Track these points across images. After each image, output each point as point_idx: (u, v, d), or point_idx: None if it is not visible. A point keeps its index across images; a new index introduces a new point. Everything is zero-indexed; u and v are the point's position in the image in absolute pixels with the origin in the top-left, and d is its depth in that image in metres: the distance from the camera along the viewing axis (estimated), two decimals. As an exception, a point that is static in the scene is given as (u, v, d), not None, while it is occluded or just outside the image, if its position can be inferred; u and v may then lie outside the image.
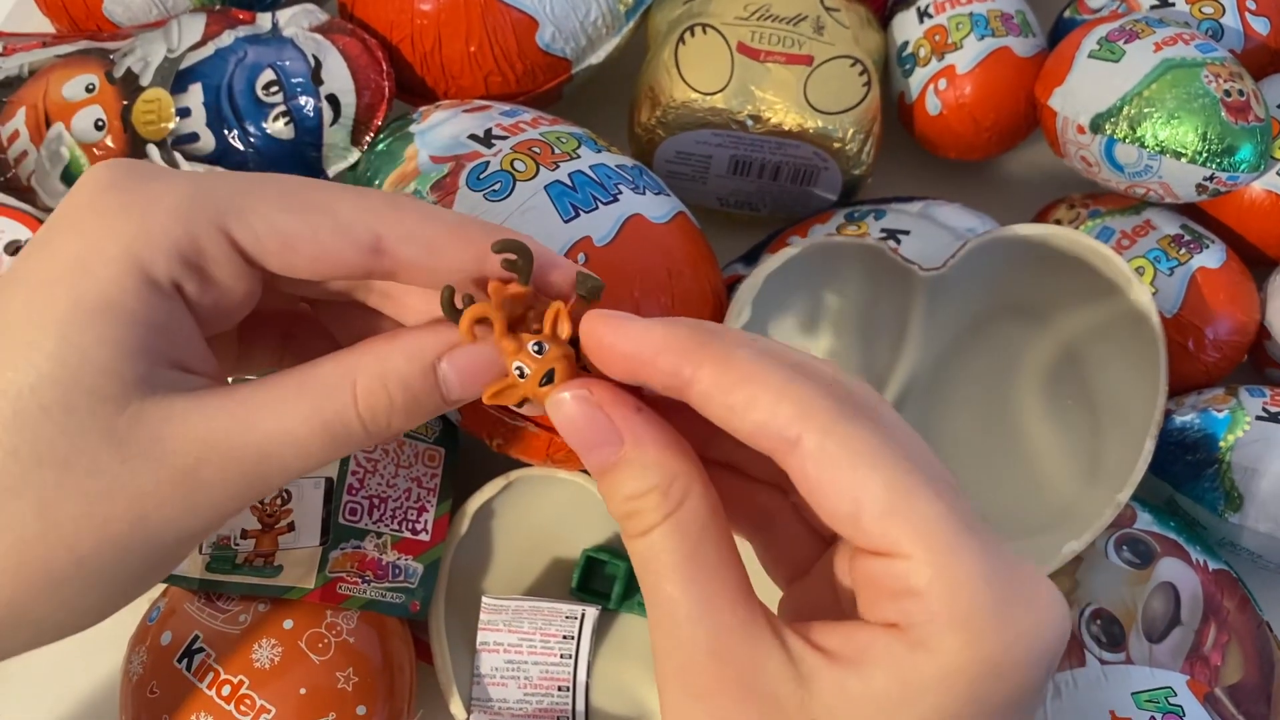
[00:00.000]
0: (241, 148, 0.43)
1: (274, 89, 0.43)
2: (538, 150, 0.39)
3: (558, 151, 0.40)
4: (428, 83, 0.47)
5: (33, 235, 0.44)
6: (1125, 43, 0.44)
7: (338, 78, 0.44)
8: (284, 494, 0.39)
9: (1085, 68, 0.45)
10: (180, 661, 0.36)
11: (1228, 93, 0.42)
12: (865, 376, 0.44)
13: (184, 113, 0.43)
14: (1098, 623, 0.39)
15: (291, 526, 0.38)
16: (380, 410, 0.23)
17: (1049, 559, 0.38)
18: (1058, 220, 0.49)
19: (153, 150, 0.43)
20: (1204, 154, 0.42)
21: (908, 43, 0.51)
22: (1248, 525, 0.40)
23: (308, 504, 0.39)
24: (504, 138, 0.40)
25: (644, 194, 0.40)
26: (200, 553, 0.38)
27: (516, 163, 0.38)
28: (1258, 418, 0.41)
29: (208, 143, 0.43)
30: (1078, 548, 0.38)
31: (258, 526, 0.38)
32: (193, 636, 0.36)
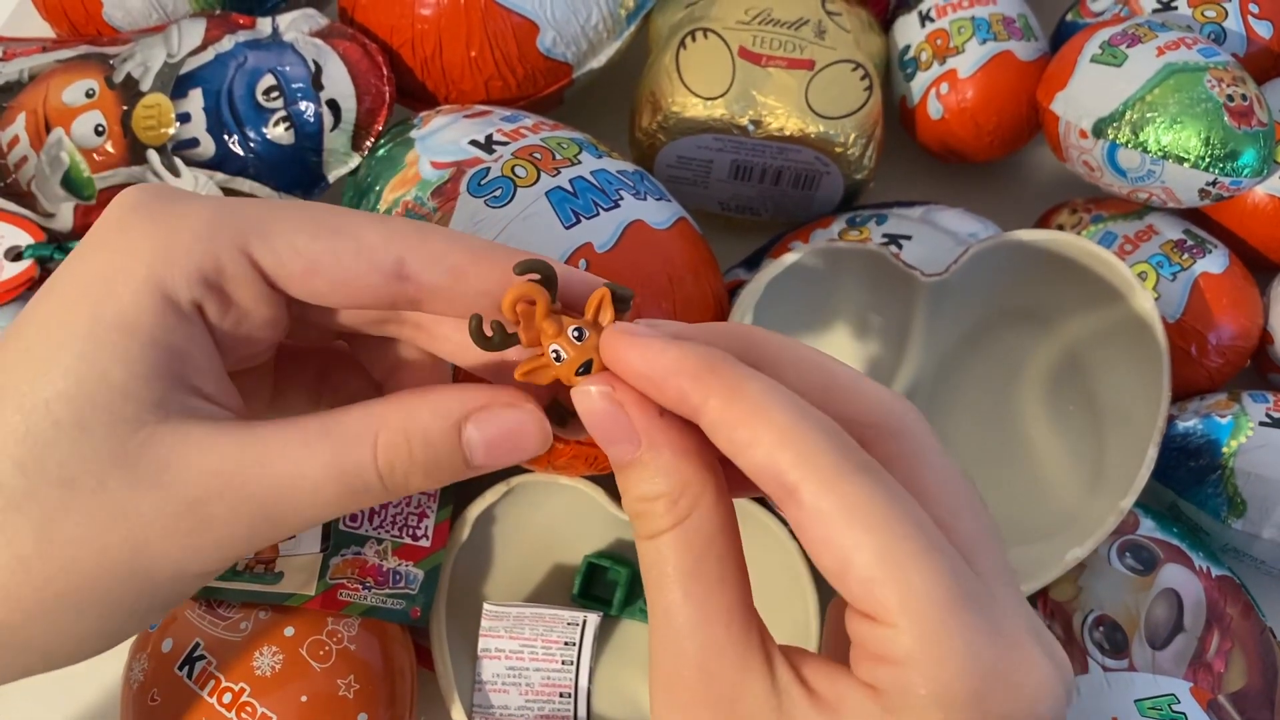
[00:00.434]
0: (241, 153, 0.43)
1: (274, 94, 0.43)
2: (539, 156, 0.39)
3: (559, 157, 0.40)
4: (428, 87, 0.46)
5: (32, 241, 0.44)
6: (1127, 47, 0.44)
7: (338, 83, 0.44)
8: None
9: (1087, 72, 0.45)
10: (181, 669, 0.36)
11: (1230, 97, 0.42)
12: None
13: (184, 118, 0.43)
14: (1100, 629, 0.39)
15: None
16: (400, 465, 0.23)
17: (1052, 565, 0.38)
18: (1060, 225, 0.49)
19: (153, 155, 0.43)
20: (1207, 159, 0.42)
21: (909, 46, 0.51)
22: (1251, 531, 0.40)
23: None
24: (505, 143, 0.40)
25: (645, 200, 0.40)
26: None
27: (517, 169, 0.38)
28: (1261, 423, 0.41)
29: (208, 148, 0.43)
30: (1081, 554, 0.38)
31: (258, 533, 0.38)
32: (194, 644, 0.36)
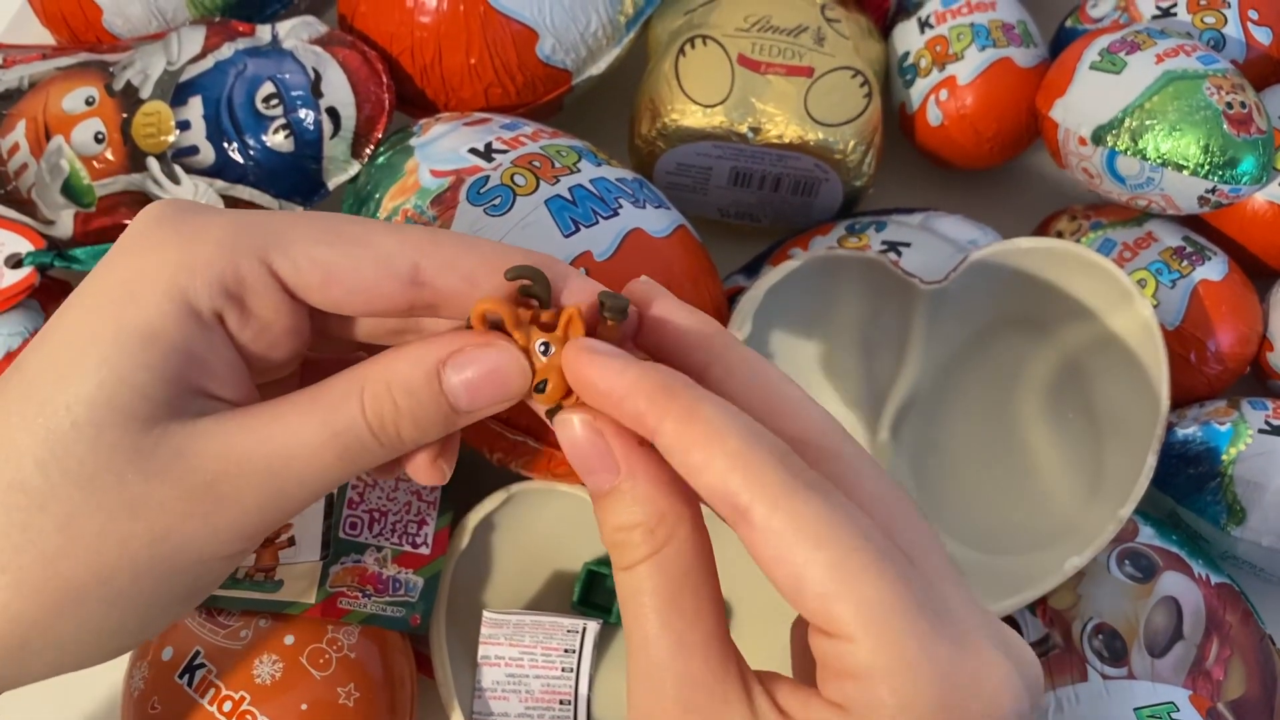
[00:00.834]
0: (241, 160, 0.43)
1: (274, 102, 0.43)
2: (538, 164, 0.39)
3: (558, 165, 0.40)
4: (428, 95, 0.47)
5: (32, 248, 0.44)
6: (1127, 54, 0.44)
7: (338, 90, 0.44)
8: (284, 508, 0.39)
9: (1087, 79, 0.45)
10: (181, 677, 0.36)
11: (1230, 105, 0.42)
12: (867, 390, 0.44)
13: (184, 125, 0.43)
14: (1100, 637, 0.39)
15: (292, 541, 0.38)
16: (387, 417, 0.23)
17: (1051, 574, 0.38)
18: (1059, 232, 0.49)
19: (152, 163, 0.43)
20: (1206, 166, 0.42)
21: (909, 53, 0.51)
22: (1250, 539, 0.40)
23: (308, 518, 0.39)
24: (504, 151, 0.40)
25: (644, 208, 0.40)
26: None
27: (516, 177, 0.38)
28: (1260, 431, 0.41)
29: (207, 155, 0.43)
30: (1080, 563, 0.38)
31: (258, 541, 0.38)
32: (194, 652, 0.36)
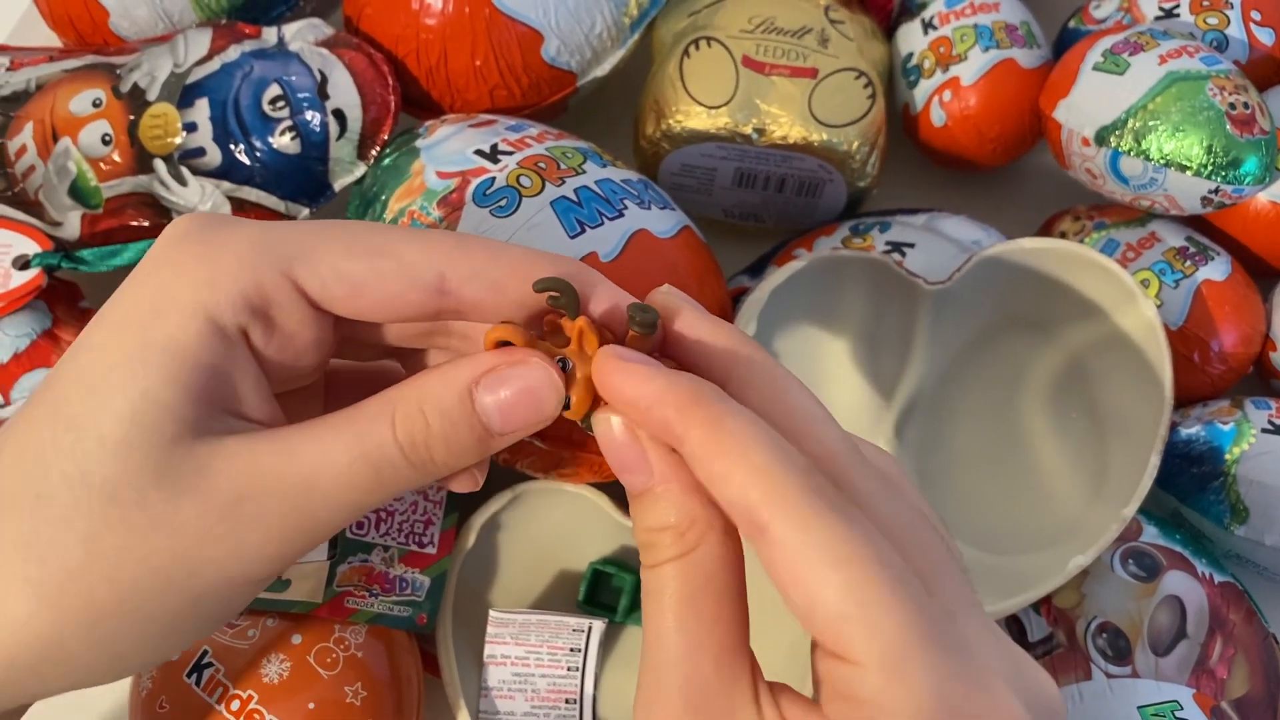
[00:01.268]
0: (248, 162, 0.43)
1: (280, 104, 0.43)
2: (543, 165, 0.39)
3: (563, 167, 0.40)
4: (433, 96, 0.47)
5: (39, 249, 0.44)
6: (1130, 55, 0.44)
7: (344, 92, 0.44)
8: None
9: (1090, 80, 0.45)
10: (190, 676, 0.36)
11: (1233, 105, 0.42)
12: (871, 391, 0.44)
13: (190, 127, 0.43)
14: (1104, 636, 0.39)
15: (299, 541, 0.39)
16: (418, 438, 0.23)
17: (1055, 573, 0.38)
18: (1063, 232, 0.49)
19: (159, 165, 0.43)
20: (1209, 167, 0.42)
21: (912, 54, 0.51)
22: (1253, 538, 0.40)
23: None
24: (510, 153, 0.40)
25: (649, 209, 0.40)
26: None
27: (522, 178, 0.39)
28: (1263, 430, 0.41)
29: (214, 157, 0.43)
30: (1084, 562, 0.38)
31: (265, 541, 0.38)
32: (201, 651, 0.36)
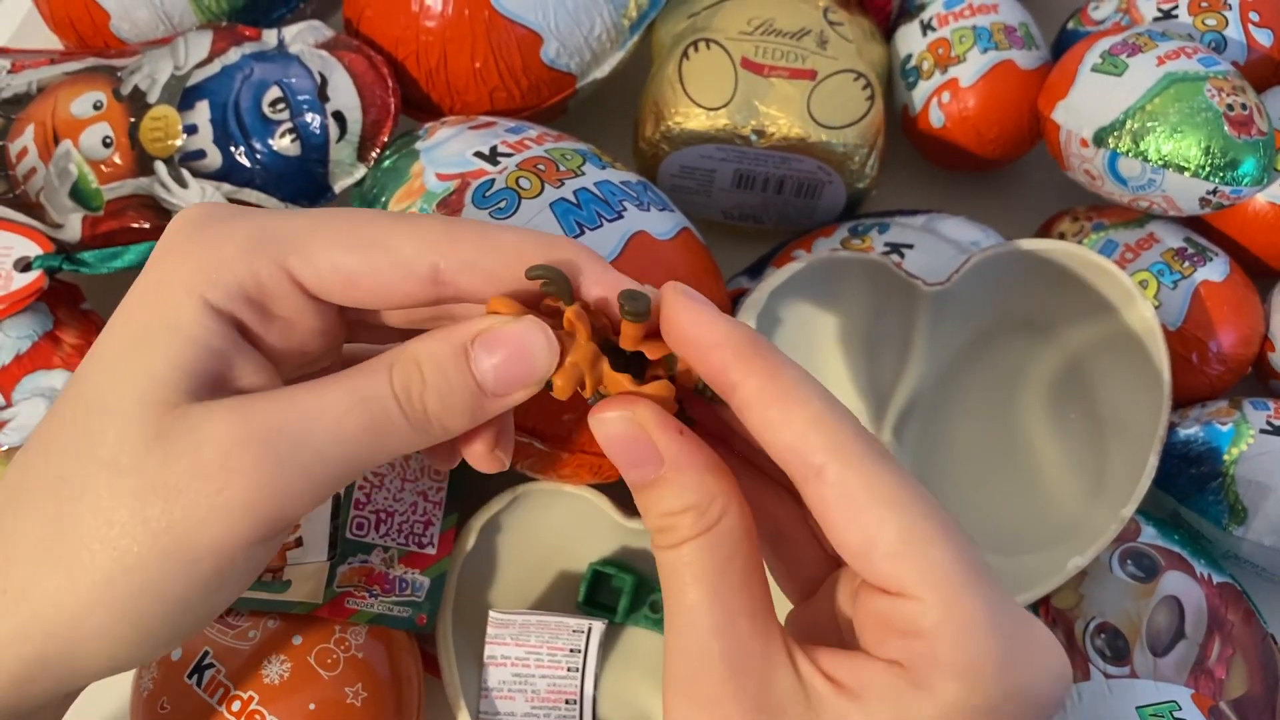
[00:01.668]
0: (248, 164, 0.43)
1: (280, 106, 0.43)
2: (542, 167, 0.40)
3: (562, 168, 0.40)
4: (433, 99, 0.47)
5: (41, 251, 0.44)
6: (1128, 56, 0.44)
7: (343, 94, 0.44)
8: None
9: (1088, 81, 0.45)
10: (190, 677, 0.36)
11: (1230, 106, 0.42)
12: (870, 392, 0.44)
13: (191, 130, 0.43)
14: (1102, 636, 0.39)
15: (299, 541, 0.39)
16: (414, 389, 0.23)
17: (1054, 573, 0.38)
18: (1061, 233, 0.49)
19: (160, 167, 0.43)
20: (1207, 168, 0.42)
21: (911, 56, 0.51)
22: (1252, 539, 0.40)
23: (315, 518, 0.39)
24: (509, 155, 0.40)
25: (648, 210, 0.40)
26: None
27: (521, 180, 0.39)
28: (1262, 431, 0.41)
29: (214, 160, 0.43)
30: (1082, 562, 0.38)
31: (266, 542, 0.38)
32: (202, 652, 0.36)
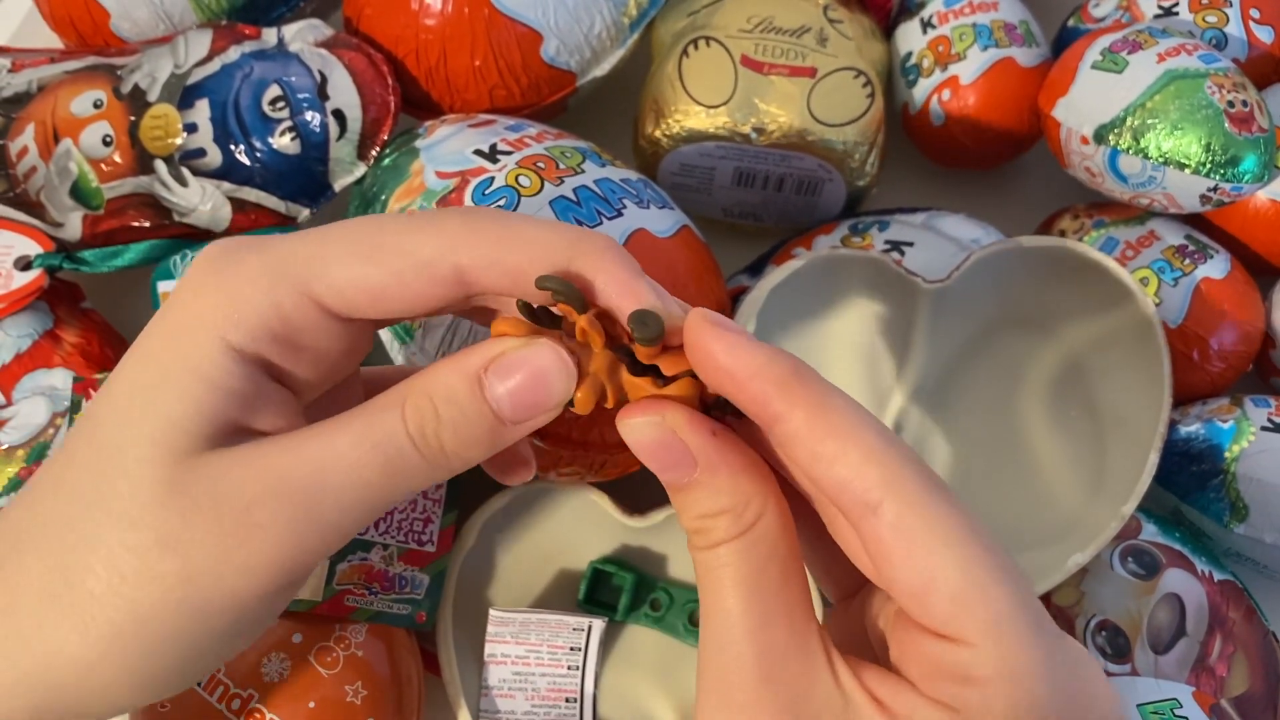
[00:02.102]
0: (248, 163, 0.43)
1: (280, 104, 0.43)
2: (542, 165, 0.40)
3: (562, 166, 0.40)
4: (433, 97, 0.47)
5: (41, 250, 0.44)
6: (1128, 53, 0.44)
7: (343, 92, 0.44)
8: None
9: (1089, 79, 0.45)
10: (190, 676, 0.36)
11: (1231, 103, 0.42)
12: (870, 389, 0.44)
13: (191, 128, 0.43)
14: (1103, 634, 0.39)
15: (299, 540, 0.39)
16: (428, 427, 0.22)
17: (1055, 571, 0.38)
18: (1062, 231, 0.49)
19: (160, 166, 0.43)
20: (1208, 165, 0.42)
21: (911, 53, 0.51)
22: (1253, 536, 0.40)
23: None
24: (509, 153, 0.40)
25: (648, 208, 0.40)
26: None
27: (521, 178, 0.39)
28: (1263, 428, 0.41)
29: (214, 158, 0.43)
30: (1083, 560, 0.38)
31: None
32: (202, 651, 0.36)
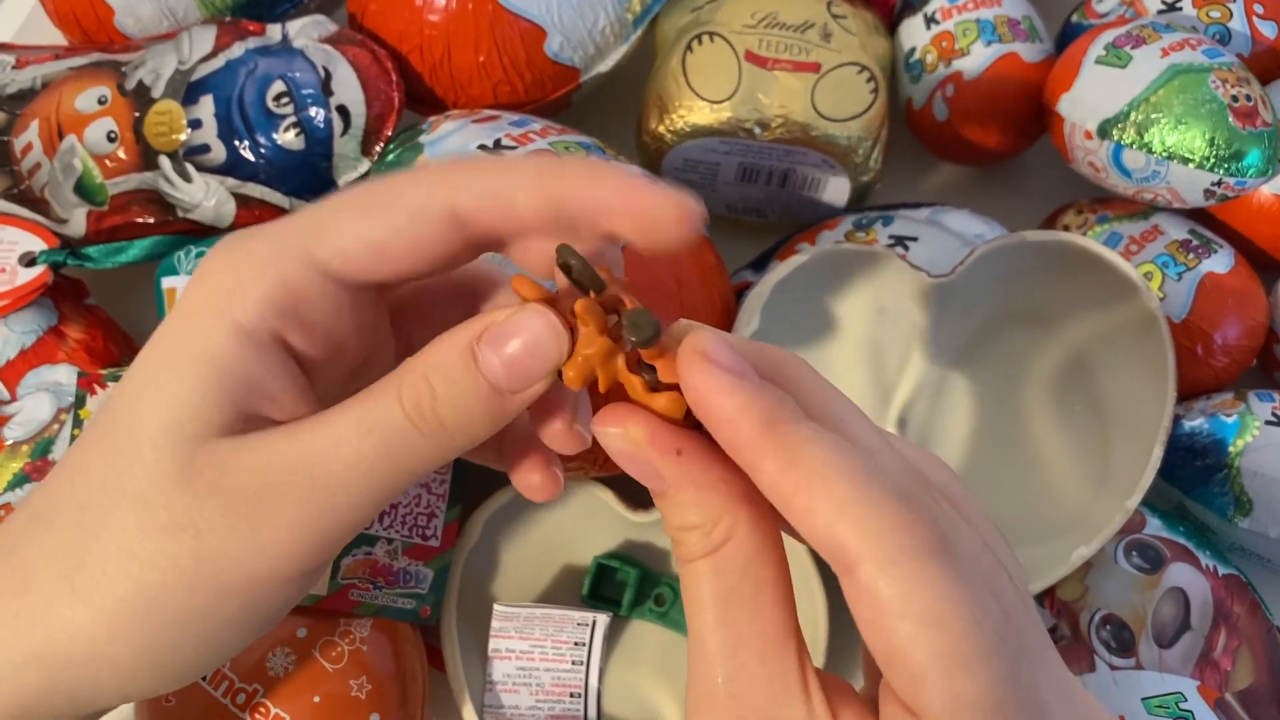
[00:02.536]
0: (252, 158, 0.43)
1: (284, 100, 0.43)
2: (547, 160, 0.40)
3: (567, 161, 0.40)
4: (437, 93, 0.47)
5: (45, 246, 0.44)
6: (1132, 48, 0.44)
7: (348, 88, 0.44)
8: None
9: (1092, 73, 0.45)
10: (195, 670, 0.36)
11: (1235, 98, 0.42)
12: (874, 384, 0.44)
13: (195, 124, 0.43)
14: (1108, 628, 0.39)
15: (304, 535, 0.39)
16: (425, 405, 0.22)
17: (1059, 565, 0.38)
18: (1066, 225, 0.49)
19: (164, 162, 0.43)
20: (1211, 159, 0.42)
21: (915, 49, 0.51)
22: (1257, 530, 0.40)
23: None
24: (513, 148, 0.40)
25: (653, 203, 0.40)
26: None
27: (526, 173, 0.39)
28: (1267, 422, 0.41)
29: (219, 154, 0.43)
30: (1087, 553, 0.38)
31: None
32: (207, 645, 0.37)
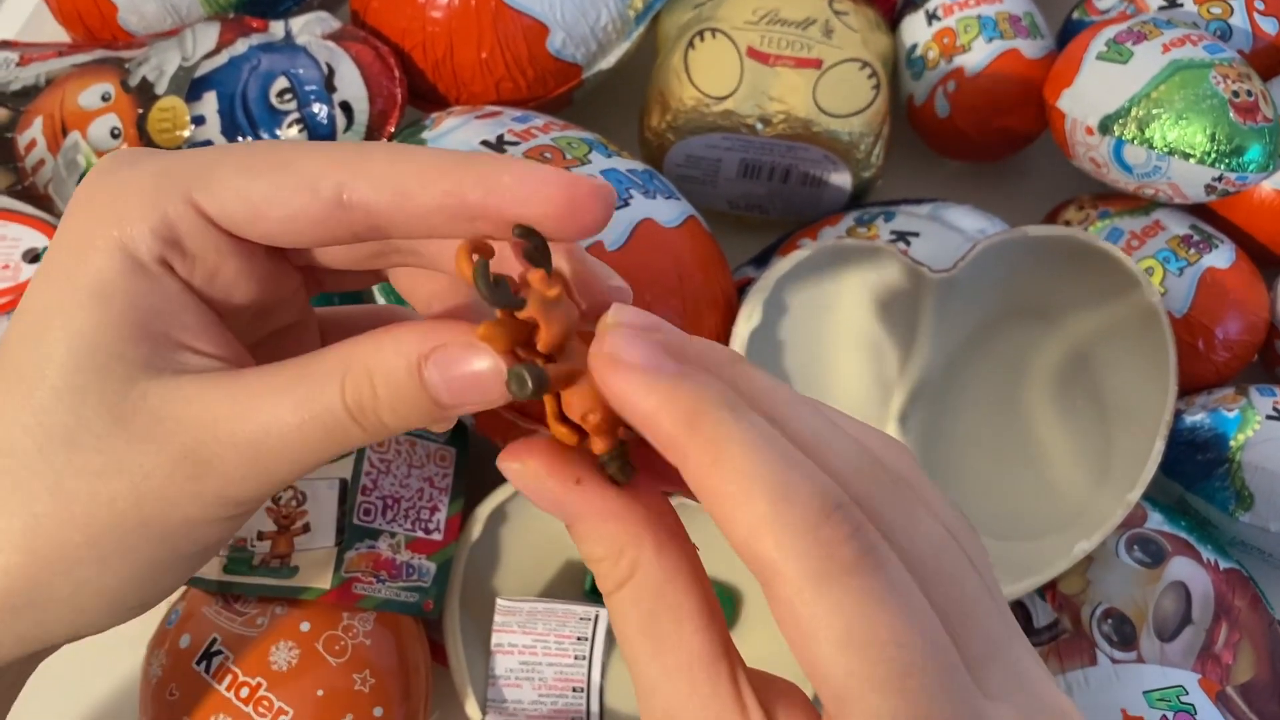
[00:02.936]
0: (256, 154, 0.43)
1: (288, 96, 0.43)
2: (549, 156, 0.40)
3: (569, 157, 0.40)
4: (439, 89, 0.47)
5: (48, 242, 0.45)
6: (1133, 44, 0.44)
7: (351, 85, 0.44)
8: (299, 495, 0.39)
9: (1094, 69, 0.45)
10: (199, 664, 0.36)
11: (1236, 93, 0.42)
12: (876, 379, 0.44)
13: (199, 121, 0.43)
14: (1109, 622, 0.39)
15: (307, 528, 0.39)
16: (366, 405, 0.22)
17: (1060, 559, 0.38)
18: (1067, 221, 0.49)
19: (168, 157, 0.44)
20: (1213, 154, 0.42)
21: (916, 45, 0.51)
22: (1259, 524, 0.40)
23: (322, 505, 0.39)
24: (516, 144, 0.40)
25: (655, 198, 0.40)
26: (218, 555, 0.38)
27: (528, 168, 0.39)
28: (1268, 417, 0.41)
29: (222, 150, 0.43)
30: (1089, 547, 0.38)
31: (273, 528, 0.38)
32: (211, 639, 0.37)
